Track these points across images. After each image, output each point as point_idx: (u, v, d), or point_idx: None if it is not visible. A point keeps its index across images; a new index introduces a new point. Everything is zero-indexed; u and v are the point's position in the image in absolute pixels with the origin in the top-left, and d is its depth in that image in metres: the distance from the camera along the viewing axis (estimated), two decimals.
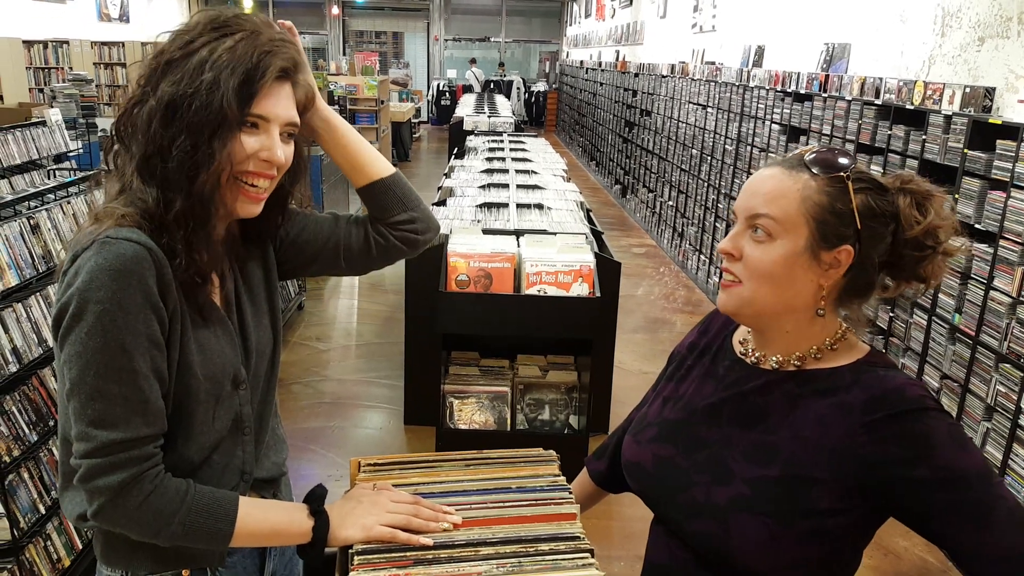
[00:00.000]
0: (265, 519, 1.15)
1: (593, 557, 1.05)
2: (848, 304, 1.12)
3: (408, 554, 1.06)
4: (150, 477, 1.06)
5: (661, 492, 1.18)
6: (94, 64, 12.49)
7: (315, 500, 1.17)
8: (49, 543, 2.65)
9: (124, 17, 14.33)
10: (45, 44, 11.67)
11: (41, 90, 11.34)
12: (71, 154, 6.46)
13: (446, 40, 21.72)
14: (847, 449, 1.03)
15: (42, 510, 2.61)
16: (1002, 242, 3.16)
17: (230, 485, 1.21)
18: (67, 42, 11.85)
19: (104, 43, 12.90)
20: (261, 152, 1.10)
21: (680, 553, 1.16)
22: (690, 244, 7.38)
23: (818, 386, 1.09)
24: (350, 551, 1.08)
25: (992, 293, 3.21)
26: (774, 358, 1.14)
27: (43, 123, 6.17)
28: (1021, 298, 3.04)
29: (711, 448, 1.13)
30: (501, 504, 1.15)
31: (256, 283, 1.29)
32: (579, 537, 1.09)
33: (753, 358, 1.16)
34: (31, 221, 2.70)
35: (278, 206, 1.24)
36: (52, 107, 7.34)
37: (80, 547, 2.79)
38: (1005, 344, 3.12)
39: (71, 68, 11.48)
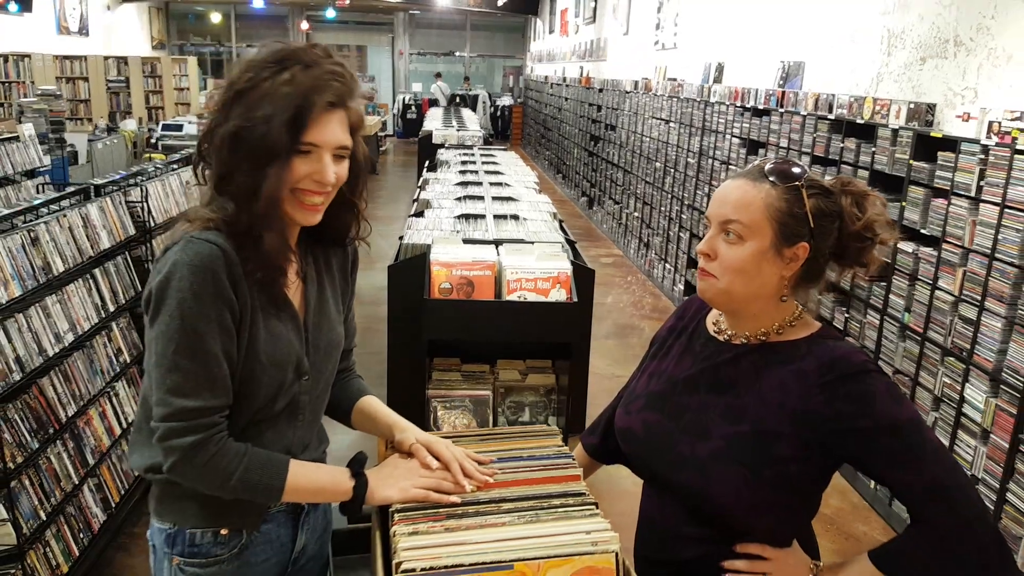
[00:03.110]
0: (312, 478, 1.34)
1: (598, 509, 1.25)
2: (803, 288, 1.33)
3: (441, 510, 1.24)
4: (215, 441, 1.25)
5: (651, 452, 1.38)
6: (56, 78, 12.41)
7: (357, 464, 1.36)
8: (48, 550, 2.74)
9: (84, 30, 14.21)
10: (5, 58, 11.59)
11: (1, 105, 11.26)
12: (42, 169, 6.49)
13: (411, 54, 21.89)
14: (805, 407, 1.24)
15: (43, 516, 2.69)
16: (945, 245, 3.43)
17: None
18: (28, 56, 11.77)
19: (66, 57, 12.83)
20: (313, 175, 1.26)
21: (669, 505, 1.36)
22: (656, 254, 7.63)
23: (779, 357, 1.30)
24: (390, 510, 1.26)
25: (937, 293, 3.48)
26: (743, 335, 1.35)
27: (16, 138, 6.21)
28: (963, 296, 3.30)
29: (692, 412, 1.34)
30: (516, 470, 1.34)
31: (329, 293, 1.46)
32: (584, 493, 1.29)
33: (725, 336, 1.37)
34: (31, 234, 2.79)
35: (346, 211, 1.40)
36: (21, 122, 7.36)
37: (77, 554, 2.87)
38: (949, 339, 3.38)
39: (33, 82, 11.42)
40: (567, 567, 1.14)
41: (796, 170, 1.29)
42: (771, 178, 1.27)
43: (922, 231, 3.61)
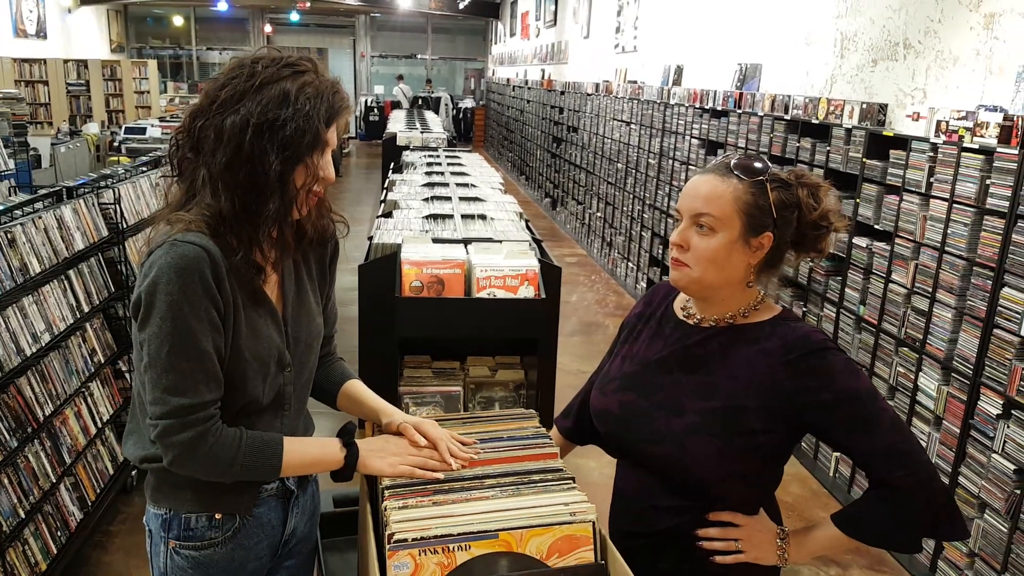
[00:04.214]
0: (306, 451, 1.41)
1: (575, 483, 1.32)
2: (765, 275, 1.43)
3: (428, 486, 1.32)
4: (212, 432, 1.30)
5: (627, 429, 1.47)
6: (15, 81, 12.22)
7: (346, 434, 1.43)
8: (27, 547, 2.76)
9: (41, 33, 13.99)
10: None
11: None
12: (6, 173, 6.41)
13: (373, 57, 21.85)
14: (770, 382, 1.34)
15: (21, 514, 2.70)
16: (897, 240, 3.57)
17: None
18: None
19: (24, 60, 12.63)
20: (318, 171, 1.34)
21: (644, 479, 1.46)
22: (618, 253, 7.75)
23: (745, 338, 1.40)
24: (380, 487, 1.33)
25: (891, 286, 3.62)
26: (712, 319, 1.45)
27: None
28: (915, 289, 3.45)
29: (665, 390, 1.43)
30: (496, 449, 1.42)
31: (308, 285, 1.51)
32: (561, 470, 1.37)
33: (694, 320, 1.47)
34: (8, 235, 2.80)
35: (318, 211, 1.47)
36: None
37: (55, 552, 2.89)
38: (903, 330, 3.52)
39: None
40: (548, 536, 1.22)
41: (760, 165, 1.38)
42: (738, 173, 1.36)
43: (875, 226, 3.75)
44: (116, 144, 9.58)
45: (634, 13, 8.18)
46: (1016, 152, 2.88)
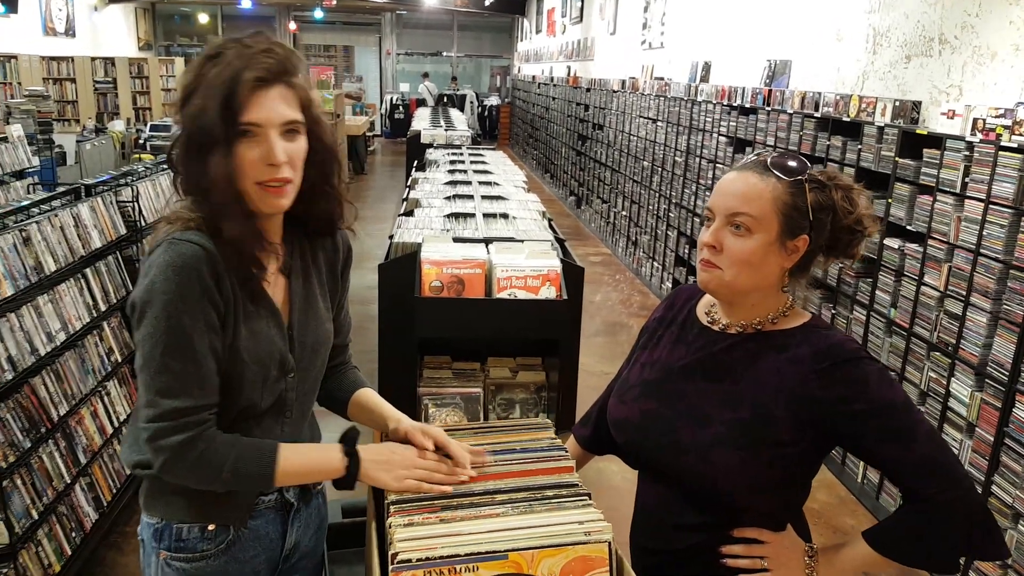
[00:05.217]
0: (303, 460, 1.34)
1: (591, 500, 1.26)
2: (794, 279, 1.36)
3: (436, 502, 1.26)
4: (204, 437, 1.25)
5: (648, 439, 1.40)
6: (43, 79, 12.35)
7: (348, 441, 1.36)
8: (40, 549, 2.75)
9: (70, 31, 14.14)
10: None
11: None
12: (30, 170, 6.47)
13: (398, 54, 21.87)
14: (801, 392, 1.27)
15: (35, 515, 2.69)
16: (930, 242, 3.46)
17: None
18: (15, 57, 11.71)
19: (52, 58, 12.78)
20: (262, 157, 1.23)
21: (665, 492, 1.40)
22: (644, 252, 7.65)
23: (773, 345, 1.33)
24: (386, 502, 1.27)
25: (923, 288, 3.51)
26: (738, 324, 1.38)
27: (4, 139, 6.19)
28: (948, 292, 3.34)
29: (689, 399, 1.36)
30: (509, 462, 1.36)
31: (317, 290, 1.45)
32: (577, 485, 1.31)
33: (720, 325, 1.40)
34: (23, 233, 2.79)
35: (321, 198, 1.37)
36: (9, 123, 7.32)
37: (69, 553, 2.88)
38: (935, 334, 3.42)
39: (20, 83, 11.36)
40: (560, 557, 1.16)
41: (799, 164, 1.31)
42: (777, 172, 1.30)
43: (908, 227, 3.64)
44: (141, 141, 9.65)
45: (661, 9, 8.08)
46: None
